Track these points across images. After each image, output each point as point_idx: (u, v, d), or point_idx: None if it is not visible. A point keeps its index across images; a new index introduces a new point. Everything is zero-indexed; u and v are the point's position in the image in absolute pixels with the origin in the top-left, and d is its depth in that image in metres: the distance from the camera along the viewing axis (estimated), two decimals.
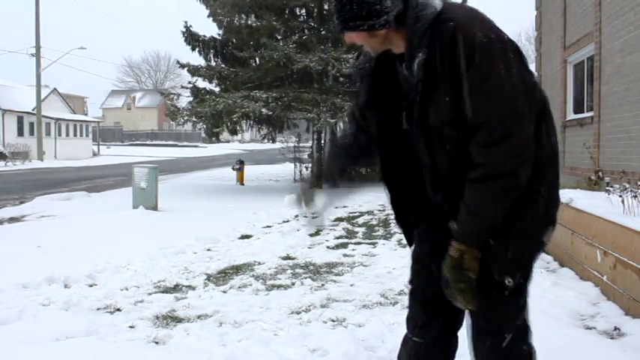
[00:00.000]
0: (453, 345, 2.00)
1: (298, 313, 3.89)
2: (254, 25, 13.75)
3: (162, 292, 4.51)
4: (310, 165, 15.47)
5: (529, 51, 45.41)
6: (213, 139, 16.87)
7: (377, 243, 6.62)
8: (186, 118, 13.89)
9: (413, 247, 2.01)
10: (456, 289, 1.69)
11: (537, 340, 1.90)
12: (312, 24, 14.32)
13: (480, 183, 1.61)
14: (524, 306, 1.82)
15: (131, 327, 3.60)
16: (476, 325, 1.85)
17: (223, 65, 14.47)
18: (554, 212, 1.77)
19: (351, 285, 4.62)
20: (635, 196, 4.09)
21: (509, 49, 1.63)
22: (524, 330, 1.83)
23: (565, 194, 5.13)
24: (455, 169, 1.70)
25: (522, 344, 1.83)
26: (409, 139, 1.83)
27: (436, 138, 1.70)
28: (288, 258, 5.82)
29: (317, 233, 7.41)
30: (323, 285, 4.64)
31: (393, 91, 1.81)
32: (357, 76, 1.90)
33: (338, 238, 7.06)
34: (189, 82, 14.61)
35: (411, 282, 2.00)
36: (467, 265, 1.66)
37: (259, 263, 5.53)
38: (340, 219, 8.77)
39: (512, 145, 1.57)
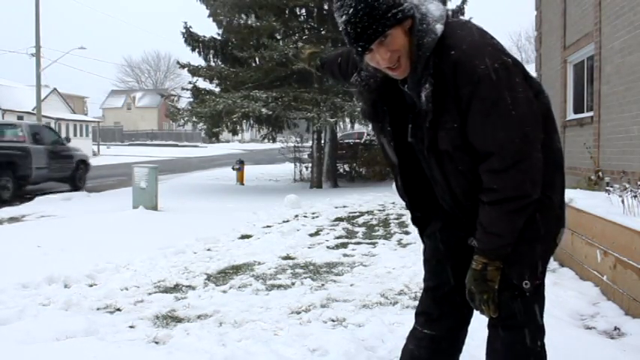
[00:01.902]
0: (462, 336, 2.05)
1: (298, 313, 3.89)
2: (254, 25, 13.75)
3: (163, 292, 4.51)
4: (310, 165, 15.47)
5: (529, 51, 45.48)
6: (213, 139, 16.86)
7: (377, 243, 6.61)
8: (186, 118, 13.89)
9: (425, 246, 2.05)
10: (480, 300, 1.75)
11: None
12: (312, 24, 14.32)
13: (494, 206, 1.66)
14: (540, 305, 1.87)
15: (131, 327, 3.60)
16: (492, 320, 1.88)
17: (223, 65, 14.47)
18: (564, 213, 1.84)
19: (351, 285, 4.62)
20: (635, 196, 4.09)
21: (514, 73, 1.63)
22: (539, 328, 1.87)
23: (565, 194, 5.12)
24: (469, 187, 1.74)
25: (537, 342, 1.86)
26: (414, 150, 1.85)
27: (448, 160, 1.73)
28: (288, 258, 5.82)
29: (317, 233, 7.41)
30: (323, 285, 4.64)
31: (399, 104, 1.82)
32: (362, 91, 1.88)
33: (338, 238, 7.06)
34: (190, 83, 14.61)
35: (425, 279, 2.05)
36: (490, 276, 1.72)
37: (259, 263, 5.53)
38: (340, 219, 8.77)
39: (523, 170, 1.61)
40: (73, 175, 14.18)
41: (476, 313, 1.98)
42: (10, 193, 11.70)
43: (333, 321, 3.69)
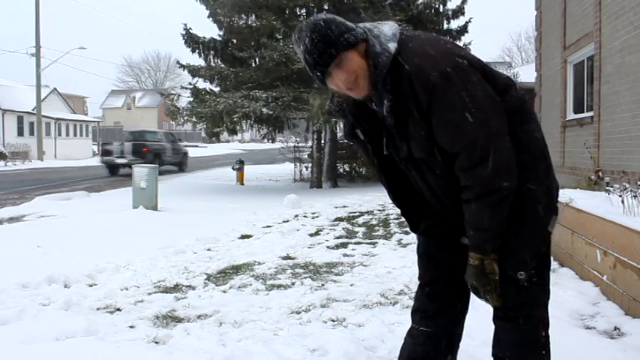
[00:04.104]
0: (458, 335, 2.08)
1: (298, 313, 3.89)
2: (254, 25, 13.75)
3: (162, 292, 4.51)
4: (310, 165, 15.46)
5: (529, 51, 45.47)
6: (213, 139, 16.90)
7: (377, 243, 6.62)
8: (186, 118, 13.89)
9: (419, 243, 2.11)
10: (484, 291, 1.80)
11: None
12: None
13: (473, 202, 1.72)
14: (544, 295, 1.91)
15: (131, 327, 3.60)
16: (497, 312, 1.93)
17: (223, 65, 14.47)
18: (554, 201, 1.86)
19: (351, 285, 4.62)
20: (635, 196, 4.10)
21: (470, 72, 1.70)
22: (543, 319, 1.91)
23: (565, 194, 5.12)
24: (450, 188, 1.81)
25: (541, 332, 1.90)
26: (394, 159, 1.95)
27: (425, 167, 1.82)
28: (288, 258, 5.82)
29: (317, 233, 7.41)
30: (323, 285, 4.64)
31: (374, 122, 1.91)
32: (338, 115, 2.00)
33: (338, 238, 7.06)
34: (190, 83, 14.61)
35: (420, 277, 2.09)
36: (488, 269, 1.77)
37: (259, 263, 5.53)
38: (340, 219, 8.77)
39: (493, 164, 1.66)
40: (180, 161, 23.02)
41: (474, 313, 1.99)
42: (158, 169, 18.21)
43: (333, 321, 3.69)
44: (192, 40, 14.47)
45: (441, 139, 1.71)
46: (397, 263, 5.38)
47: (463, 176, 1.71)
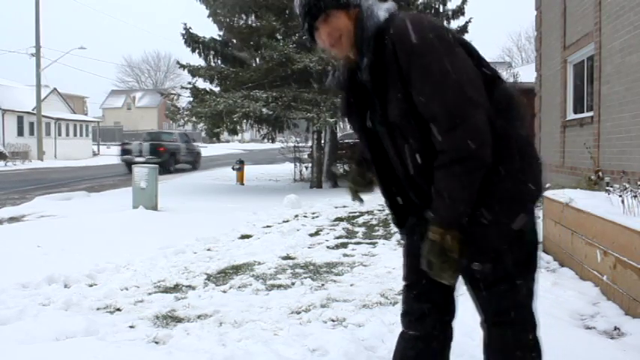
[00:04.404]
0: (448, 336, 2.06)
1: (298, 313, 3.89)
2: (254, 25, 13.74)
3: (163, 292, 4.51)
4: (310, 165, 15.46)
5: (529, 51, 45.46)
6: (213, 139, 16.90)
7: (377, 243, 6.62)
8: (186, 118, 13.89)
9: (404, 243, 2.10)
10: (440, 269, 1.74)
11: None
12: None
13: (445, 169, 1.69)
14: (528, 299, 1.89)
15: (131, 327, 3.60)
16: (483, 317, 1.93)
17: (223, 65, 14.47)
18: (524, 200, 1.82)
19: (351, 285, 4.62)
20: (635, 196, 4.09)
21: (454, 44, 1.73)
22: (530, 322, 1.89)
23: (565, 194, 5.13)
24: (419, 162, 1.79)
25: (528, 335, 1.88)
26: (379, 137, 1.94)
27: (399, 133, 1.81)
28: (288, 258, 5.82)
29: (317, 233, 7.41)
30: (323, 285, 4.64)
31: (364, 96, 1.92)
32: (336, 88, 2.03)
33: (338, 238, 7.06)
34: (189, 83, 14.61)
35: (405, 277, 2.08)
36: (449, 246, 1.71)
37: (259, 263, 5.53)
38: (340, 219, 8.77)
39: (467, 129, 1.65)
40: (194, 160, 24.73)
41: (474, 313, 1.99)
42: (173, 168, 21.71)
43: (333, 321, 3.69)
44: (192, 40, 14.46)
45: (419, 103, 1.71)
46: (397, 263, 5.36)
47: (438, 140, 1.69)
